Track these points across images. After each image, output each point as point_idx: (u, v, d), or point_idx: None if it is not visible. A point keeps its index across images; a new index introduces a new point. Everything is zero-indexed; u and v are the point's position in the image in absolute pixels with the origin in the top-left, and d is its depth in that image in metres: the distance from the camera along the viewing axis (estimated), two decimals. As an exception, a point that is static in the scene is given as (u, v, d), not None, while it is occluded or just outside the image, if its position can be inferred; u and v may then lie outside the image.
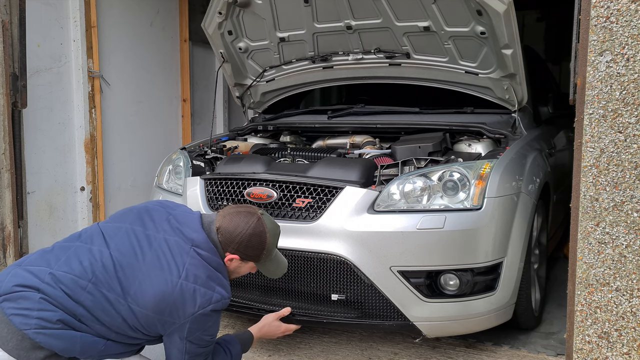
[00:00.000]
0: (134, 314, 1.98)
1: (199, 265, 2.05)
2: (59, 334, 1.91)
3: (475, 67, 3.38)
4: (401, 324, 2.66)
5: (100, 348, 2.00)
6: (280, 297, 2.79)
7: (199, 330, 2.03)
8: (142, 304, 1.97)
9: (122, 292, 1.98)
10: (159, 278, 1.99)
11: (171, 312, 1.99)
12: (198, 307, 1.99)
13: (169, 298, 1.97)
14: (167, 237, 2.09)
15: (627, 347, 2.15)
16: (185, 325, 2.00)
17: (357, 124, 3.61)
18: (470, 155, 3.02)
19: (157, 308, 1.98)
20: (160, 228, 2.12)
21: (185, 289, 1.99)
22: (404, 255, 2.59)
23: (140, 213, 2.19)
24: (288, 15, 3.56)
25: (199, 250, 2.08)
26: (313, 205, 2.74)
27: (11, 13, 3.67)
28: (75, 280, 1.96)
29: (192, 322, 2.00)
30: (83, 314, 1.95)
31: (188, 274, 2.01)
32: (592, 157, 2.14)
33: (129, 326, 1.99)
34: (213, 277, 2.07)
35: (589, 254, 2.17)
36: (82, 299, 1.95)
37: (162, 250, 2.05)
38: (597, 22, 2.08)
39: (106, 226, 2.15)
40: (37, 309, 1.90)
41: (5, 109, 3.68)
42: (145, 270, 2.00)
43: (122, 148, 4.97)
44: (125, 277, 1.99)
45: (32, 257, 2.06)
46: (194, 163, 3.33)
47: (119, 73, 4.90)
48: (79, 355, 1.97)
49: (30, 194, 4.12)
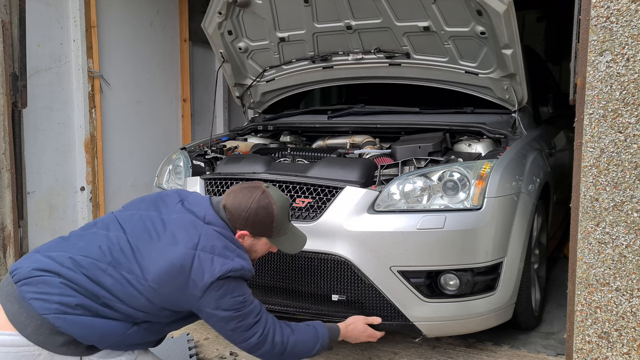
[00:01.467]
0: (156, 292, 1.97)
1: (214, 236, 2.05)
2: (79, 320, 1.90)
3: (475, 67, 3.38)
4: (401, 324, 2.66)
5: (120, 337, 1.98)
6: (281, 297, 2.79)
7: (226, 296, 2.00)
8: (161, 281, 1.96)
9: (142, 273, 1.97)
10: (175, 252, 1.99)
11: (193, 282, 1.97)
12: (216, 276, 1.97)
13: (187, 269, 1.97)
14: (181, 215, 2.10)
15: (627, 347, 2.15)
16: (209, 295, 1.97)
17: (357, 124, 3.61)
18: (470, 155, 3.02)
19: (176, 282, 1.96)
20: (173, 210, 2.13)
21: (203, 258, 1.99)
22: (404, 255, 2.59)
23: (154, 199, 2.22)
24: (288, 15, 3.56)
25: (211, 225, 2.09)
26: (313, 205, 2.74)
27: (11, 13, 3.67)
28: (94, 263, 1.97)
29: (215, 289, 1.97)
30: (106, 295, 1.94)
31: (204, 245, 2.01)
32: (592, 157, 2.14)
33: (155, 306, 1.98)
34: (230, 248, 2.06)
35: (589, 254, 2.17)
36: (103, 281, 1.95)
37: (177, 228, 2.05)
38: (597, 22, 2.08)
39: (121, 214, 2.17)
40: (57, 294, 1.90)
41: (5, 109, 3.68)
42: (161, 249, 2.00)
43: (122, 148, 4.98)
44: (143, 258, 1.99)
45: (50, 244, 2.07)
46: (194, 163, 3.33)
47: (119, 73, 4.90)
48: (97, 343, 1.96)
49: (30, 194, 4.12)
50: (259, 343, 2.08)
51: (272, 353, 2.11)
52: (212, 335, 3.12)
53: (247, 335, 2.06)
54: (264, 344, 2.09)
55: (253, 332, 2.07)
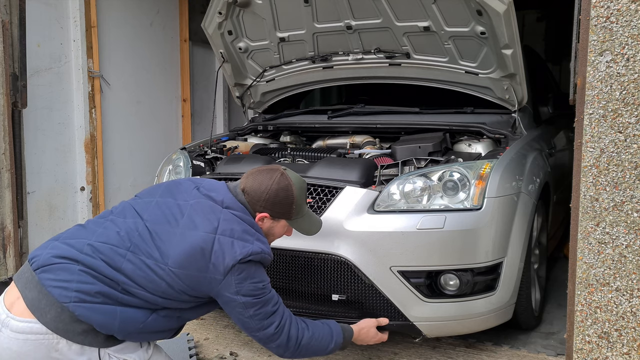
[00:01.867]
0: (176, 277, 1.96)
1: (233, 220, 2.06)
2: (98, 308, 1.89)
3: (475, 67, 3.38)
4: (401, 324, 2.66)
5: (139, 325, 1.97)
6: (281, 297, 2.78)
7: (246, 280, 2.00)
8: (182, 264, 1.96)
9: (162, 257, 1.97)
10: (195, 236, 1.99)
11: (213, 267, 1.97)
12: (237, 259, 1.97)
13: (207, 253, 1.97)
14: (199, 200, 2.10)
15: (627, 347, 2.15)
16: (230, 279, 1.97)
17: (357, 124, 3.61)
18: (470, 155, 3.02)
19: (197, 265, 1.96)
20: (190, 196, 2.13)
21: (223, 241, 1.99)
22: (404, 255, 2.59)
23: (168, 186, 2.22)
24: (288, 15, 3.56)
25: (231, 210, 2.09)
26: (313, 205, 2.74)
27: (11, 13, 3.67)
28: (113, 249, 1.96)
29: (235, 272, 1.97)
30: (126, 281, 1.93)
31: (224, 229, 2.02)
32: (592, 157, 2.14)
33: (174, 291, 1.97)
34: (249, 231, 2.07)
35: (589, 254, 2.17)
36: (123, 266, 1.94)
37: (196, 212, 2.05)
38: (597, 22, 2.08)
39: (136, 202, 2.17)
40: (76, 281, 1.89)
41: (5, 109, 3.68)
42: (181, 234, 2.00)
43: (122, 148, 4.98)
44: (162, 243, 1.99)
45: (69, 232, 2.07)
46: (194, 163, 3.33)
47: (119, 73, 4.90)
48: (117, 332, 1.94)
49: (30, 194, 4.12)
50: (275, 334, 2.07)
51: (287, 346, 2.10)
52: (212, 336, 3.12)
53: (265, 324, 2.05)
54: (279, 335, 2.08)
55: (271, 321, 2.06)
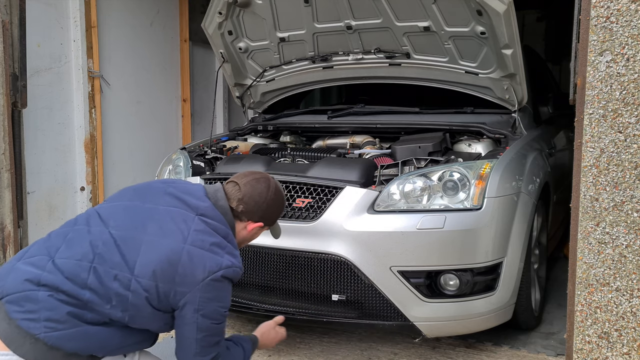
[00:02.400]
0: (142, 287, 1.88)
1: (204, 231, 1.97)
2: (72, 334, 1.84)
3: (475, 67, 3.38)
4: (401, 324, 2.66)
5: (117, 341, 1.92)
6: (281, 297, 2.79)
7: (212, 301, 1.92)
8: (148, 274, 1.88)
9: (127, 267, 1.89)
10: (163, 245, 1.90)
11: (180, 279, 1.88)
12: (208, 272, 1.89)
13: (175, 264, 1.88)
14: (170, 207, 2.01)
15: (627, 347, 2.15)
16: (196, 295, 1.89)
17: (357, 124, 3.61)
18: (470, 155, 3.02)
19: (164, 276, 1.88)
20: (160, 201, 2.04)
21: (193, 253, 1.90)
22: (404, 255, 2.59)
23: (137, 189, 2.13)
24: (288, 15, 3.56)
25: (205, 218, 2.00)
26: (313, 205, 2.74)
27: (11, 13, 3.67)
28: (77, 264, 1.89)
29: (203, 289, 1.89)
30: (91, 299, 1.86)
31: (194, 240, 1.93)
32: (592, 157, 2.14)
33: (140, 302, 1.89)
34: (221, 244, 1.98)
35: (589, 254, 2.17)
36: (88, 282, 1.86)
37: (165, 220, 1.97)
38: (597, 22, 2.08)
39: (102, 207, 2.07)
40: (43, 309, 1.83)
41: (5, 109, 3.67)
42: (148, 241, 1.92)
43: (122, 148, 4.97)
44: (129, 251, 1.90)
45: (32, 249, 1.99)
46: (194, 163, 3.33)
47: (119, 73, 4.90)
48: (98, 351, 1.91)
49: (30, 194, 4.12)
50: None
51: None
52: (212, 335, 3.12)
53: (206, 351, 1.98)
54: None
55: (211, 350, 2.00)
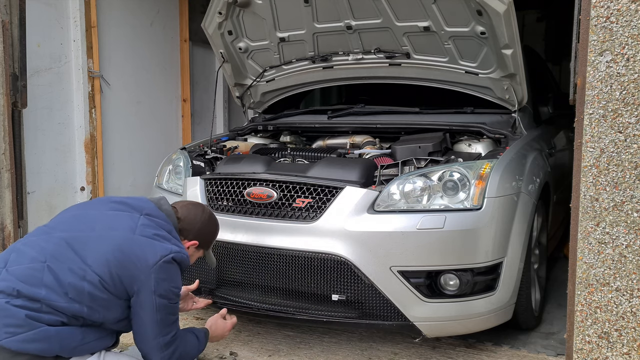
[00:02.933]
0: (97, 275, 1.98)
1: (151, 225, 2.12)
2: (33, 336, 1.89)
3: (475, 67, 3.38)
4: (401, 324, 2.66)
5: (79, 338, 1.99)
6: (281, 297, 2.79)
7: (166, 281, 2.06)
8: (102, 262, 1.99)
9: (81, 259, 1.99)
10: (113, 236, 2.04)
11: (134, 264, 2.01)
12: (159, 256, 2.04)
13: (127, 250, 2.02)
14: (115, 211, 2.16)
15: (627, 347, 2.15)
16: (150, 277, 2.02)
17: (357, 124, 3.61)
18: (470, 155, 3.02)
19: (118, 262, 2.00)
20: (105, 207, 2.19)
21: (142, 241, 2.05)
22: (404, 255, 2.59)
23: (79, 205, 2.32)
24: (288, 15, 3.56)
25: (150, 217, 2.15)
26: (313, 205, 2.74)
27: (11, 13, 3.67)
28: (30, 267, 1.97)
29: (157, 271, 2.03)
30: (47, 296, 1.93)
31: (142, 231, 2.08)
32: (592, 157, 2.14)
33: (96, 289, 1.98)
34: (166, 237, 2.14)
35: (589, 254, 2.17)
36: (43, 279, 1.94)
37: (112, 218, 2.11)
38: (597, 22, 2.08)
39: (46, 225, 2.20)
40: (1, 317, 1.88)
41: (5, 109, 3.67)
42: (98, 235, 2.05)
43: (122, 148, 4.98)
44: (80, 247, 2.02)
45: None
46: (194, 163, 3.33)
47: (119, 73, 4.90)
48: (60, 352, 1.95)
49: (30, 194, 4.12)
50: (169, 343, 2.14)
51: (173, 356, 2.17)
52: (212, 335, 3.12)
53: (165, 331, 2.12)
54: (171, 345, 2.15)
55: (170, 329, 2.14)
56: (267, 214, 2.81)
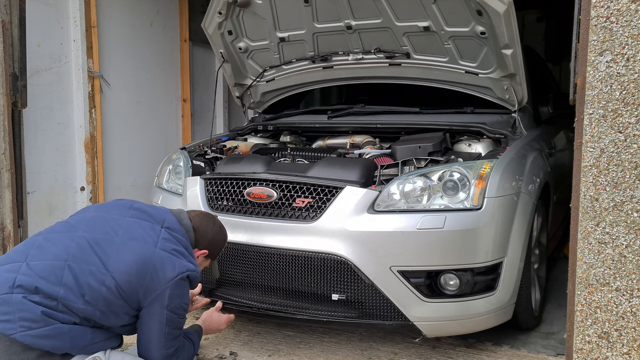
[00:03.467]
0: (116, 282, 2.02)
1: (172, 240, 2.17)
2: (46, 332, 1.92)
3: (475, 67, 3.38)
4: (401, 324, 2.66)
5: (89, 338, 2.02)
6: (281, 297, 2.79)
7: (179, 297, 2.13)
8: (123, 269, 2.03)
9: (102, 264, 2.03)
10: (135, 247, 2.08)
11: (152, 277, 2.05)
12: (177, 272, 2.08)
13: (148, 262, 2.05)
14: (137, 219, 2.19)
15: (627, 347, 2.15)
16: (166, 292, 2.07)
17: (357, 124, 3.61)
18: (470, 155, 3.02)
19: (138, 272, 2.04)
20: (126, 213, 2.22)
21: (163, 255, 2.09)
22: (404, 255, 2.59)
23: (100, 205, 2.33)
24: (288, 15, 3.56)
25: (170, 230, 2.20)
26: (313, 205, 2.74)
27: (11, 13, 3.67)
28: (51, 264, 2.00)
29: (172, 287, 2.07)
30: (65, 295, 1.96)
31: (163, 246, 2.12)
32: (592, 157, 2.14)
33: (112, 296, 2.02)
34: (184, 253, 2.19)
35: (589, 254, 2.17)
36: (63, 279, 1.97)
37: (134, 227, 2.15)
38: (597, 22, 2.08)
39: (67, 221, 2.22)
40: (17, 311, 1.91)
41: (5, 109, 3.67)
42: (121, 242, 2.08)
43: (122, 148, 4.97)
44: (102, 250, 2.05)
45: (2, 259, 2.10)
46: (194, 163, 3.33)
47: (119, 73, 4.90)
48: (70, 350, 1.99)
49: (30, 194, 4.12)
50: (172, 355, 2.21)
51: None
52: (211, 336, 3.12)
53: (170, 344, 2.18)
54: (172, 357, 2.21)
55: (175, 343, 2.21)
56: (267, 214, 2.81)
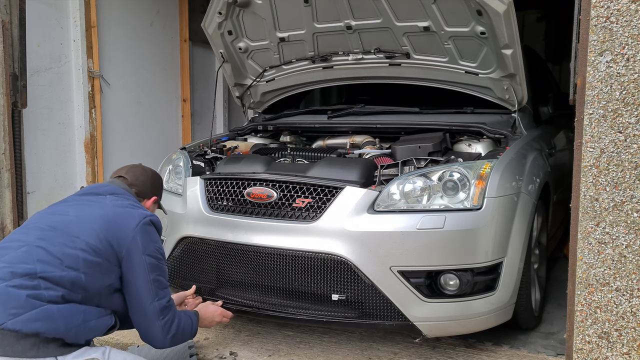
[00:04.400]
0: (87, 242, 2.10)
1: (119, 198, 2.32)
2: (35, 315, 1.91)
3: (475, 67, 3.38)
4: (401, 324, 2.66)
5: (81, 317, 2.01)
6: (281, 297, 2.79)
7: (151, 242, 2.22)
8: (89, 231, 2.13)
9: (67, 234, 2.11)
10: (92, 213, 2.21)
11: (117, 229, 2.17)
12: (138, 219, 2.22)
13: (109, 219, 2.18)
14: (79, 197, 2.34)
15: (627, 347, 2.15)
16: (136, 238, 2.18)
17: (357, 124, 3.61)
18: (470, 155, 3.02)
19: (103, 228, 2.15)
20: (70, 199, 2.37)
21: (119, 211, 2.24)
22: (404, 255, 2.59)
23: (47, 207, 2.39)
24: (288, 15, 3.56)
25: (114, 194, 2.34)
26: (313, 205, 2.74)
27: (11, 13, 3.67)
28: (19, 252, 2.04)
29: (140, 233, 2.19)
30: (42, 269, 1.99)
31: (114, 204, 2.27)
32: (592, 157, 2.14)
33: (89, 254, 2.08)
34: (136, 204, 2.36)
35: (589, 254, 2.17)
36: (36, 257, 2.01)
37: (81, 203, 2.29)
38: (597, 22, 2.08)
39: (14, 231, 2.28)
40: (2, 301, 1.91)
41: (5, 109, 3.68)
42: (75, 215, 2.20)
43: (122, 148, 4.98)
44: (63, 226, 2.15)
45: None
46: (194, 163, 3.33)
47: (119, 73, 4.90)
48: (65, 331, 1.96)
49: (30, 194, 4.12)
50: (167, 307, 2.23)
51: (171, 328, 2.25)
52: (212, 336, 3.12)
53: (161, 293, 2.22)
54: (169, 311, 2.24)
55: (165, 293, 2.25)
56: (267, 214, 2.81)
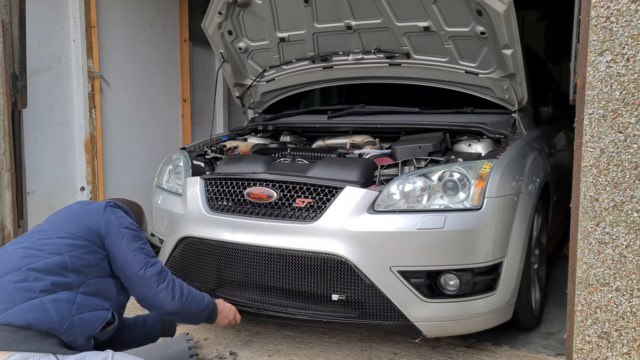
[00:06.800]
0: (65, 231, 2.19)
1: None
2: (27, 307, 1.92)
3: (475, 67, 3.38)
4: (401, 324, 2.66)
5: (73, 308, 2.00)
6: (281, 297, 2.79)
7: (123, 217, 2.32)
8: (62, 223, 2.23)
9: (46, 235, 2.18)
10: (60, 214, 2.33)
11: (89, 215, 2.28)
12: (103, 204, 2.35)
13: (78, 211, 2.31)
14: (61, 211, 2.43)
15: (627, 347, 2.15)
16: (109, 217, 2.28)
17: (357, 124, 3.61)
18: (470, 155, 3.02)
19: (77, 217, 2.27)
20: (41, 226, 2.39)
21: (85, 205, 2.36)
22: (404, 255, 2.59)
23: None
24: (288, 15, 3.56)
25: None
26: (313, 205, 2.74)
27: (11, 13, 3.67)
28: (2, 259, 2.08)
29: (110, 212, 2.31)
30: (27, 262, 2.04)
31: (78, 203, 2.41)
32: (592, 157, 2.14)
33: (71, 239, 2.16)
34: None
35: (589, 254, 2.17)
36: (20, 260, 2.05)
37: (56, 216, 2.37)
38: (597, 22, 2.08)
39: None
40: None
41: (5, 109, 3.67)
42: (49, 223, 2.28)
43: (122, 148, 4.97)
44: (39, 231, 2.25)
45: None
46: (194, 163, 3.33)
47: (119, 73, 4.90)
48: (58, 322, 1.94)
49: (30, 194, 4.12)
50: (162, 272, 2.27)
51: (174, 291, 2.28)
52: (211, 336, 3.12)
53: (152, 260, 2.28)
54: (166, 276, 2.28)
55: (155, 260, 2.29)
56: (267, 214, 2.81)
